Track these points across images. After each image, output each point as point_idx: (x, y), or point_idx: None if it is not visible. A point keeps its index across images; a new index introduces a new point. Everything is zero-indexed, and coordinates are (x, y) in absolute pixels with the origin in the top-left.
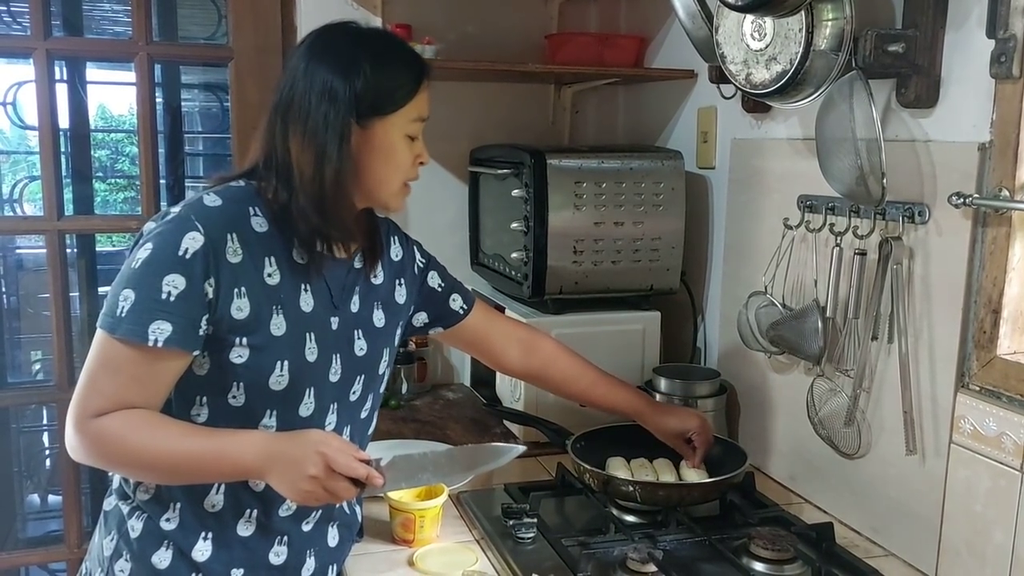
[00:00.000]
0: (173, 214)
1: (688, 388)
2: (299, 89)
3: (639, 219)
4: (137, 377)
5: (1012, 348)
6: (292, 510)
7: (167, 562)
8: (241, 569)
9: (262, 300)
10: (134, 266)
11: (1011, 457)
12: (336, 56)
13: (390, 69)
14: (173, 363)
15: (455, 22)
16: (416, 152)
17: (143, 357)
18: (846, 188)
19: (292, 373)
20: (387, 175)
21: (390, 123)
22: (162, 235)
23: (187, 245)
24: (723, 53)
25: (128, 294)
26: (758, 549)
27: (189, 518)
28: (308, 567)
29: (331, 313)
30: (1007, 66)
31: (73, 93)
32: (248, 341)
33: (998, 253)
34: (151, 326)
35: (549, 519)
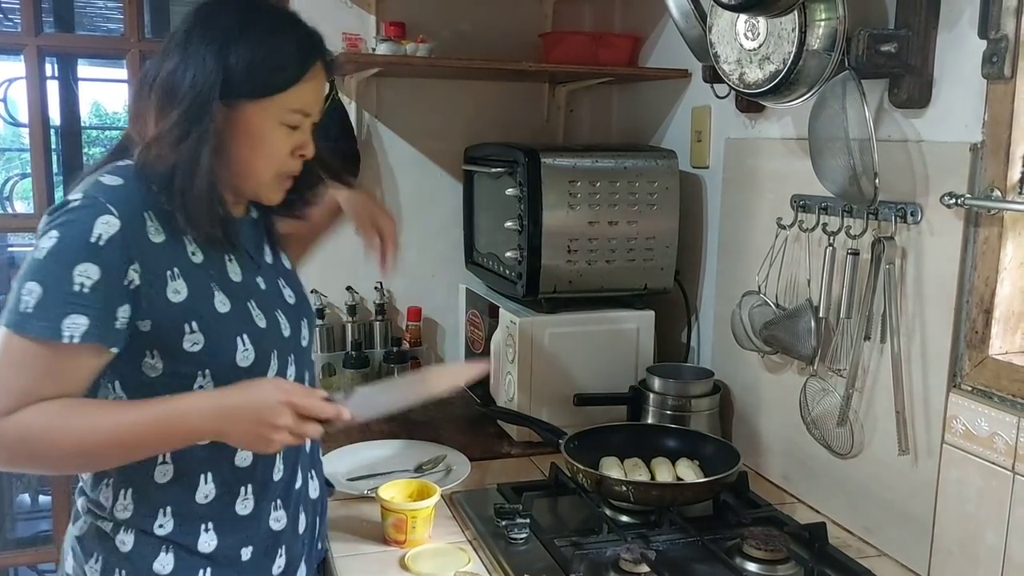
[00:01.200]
0: (76, 200)
1: (682, 388)
2: (171, 60)
3: (633, 218)
4: (50, 372)
5: (1004, 348)
6: (282, 471)
7: (171, 565)
8: (250, 546)
9: (197, 279)
10: (39, 256)
11: (1003, 457)
12: (216, 27)
13: (271, 49)
14: (91, 360)
15: (449, 20)
16: (296, 143)
17: (56, 354)
18: (839, 188)
19: (255, 344)
20: (254, 163)
21: (262, 108)
22: (70, 222)
23: (100, 230)
24: (717, 52)
25: (32, 287)
26: (751, 549)
27: (184, 516)
28: (303, 523)
29: (256, 273)
30: (999, 66)
31: (64, 90)
32: (198, 325)
33: (990, 253)
34: (64, 321)
35: (542, 519)
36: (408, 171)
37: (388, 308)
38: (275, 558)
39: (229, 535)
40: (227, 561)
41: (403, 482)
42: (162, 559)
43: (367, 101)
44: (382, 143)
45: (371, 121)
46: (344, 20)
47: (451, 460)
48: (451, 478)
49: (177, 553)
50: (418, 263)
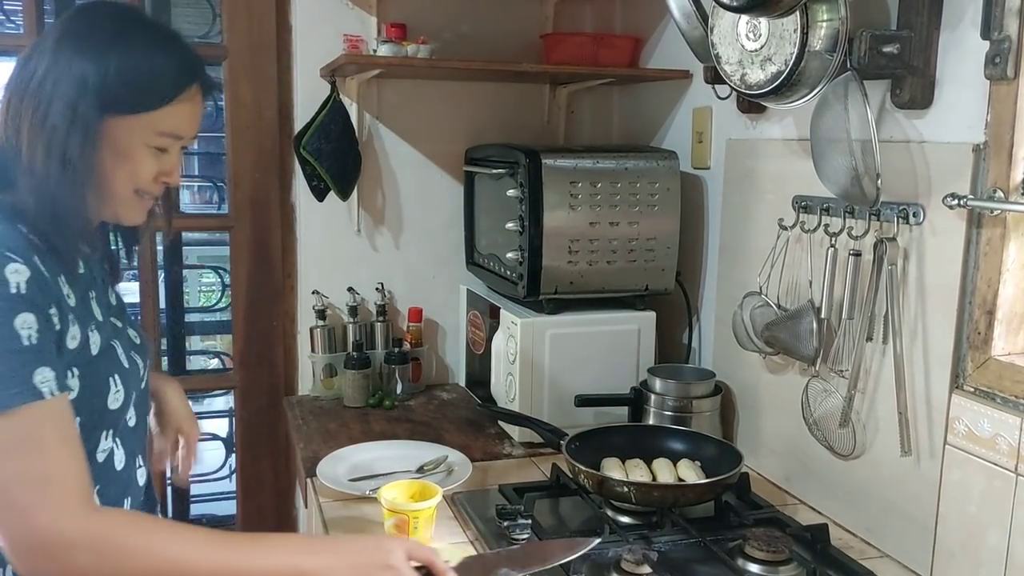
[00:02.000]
0: None
1: (683, 389)
2: (39, 71)
3: (634, 219)
4: (63, 439)
5: (1007, 349)
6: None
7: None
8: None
9: (79, 321)
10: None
11: (1006, 458)
12: (89, 38)
13: (147, 66)
14: (70, 410)
15: (450, 21)
16: (163, 167)
17: (51, 415)
18: (841, 189)
19: (124, 384)
20: (115, 180)
21: (130, 125)
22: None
23: (14, 280)
24: (718, 53)
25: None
26: (753, 550)
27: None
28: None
29: (109, 312)
30: (1002, 67)
31: None
32: (78, 371)
33: (992, 254)
34: (35, 378)
35: (544, 520)
36: (409, 172)
37: (389, 309)
38: None
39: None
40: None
41: (405, 483)
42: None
43: (368, 102)
44: (383, 144)
45: (372, 122)
46: (345, 22)
47: (452, 461)
48: (452, 479)
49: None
50: (419, 264)
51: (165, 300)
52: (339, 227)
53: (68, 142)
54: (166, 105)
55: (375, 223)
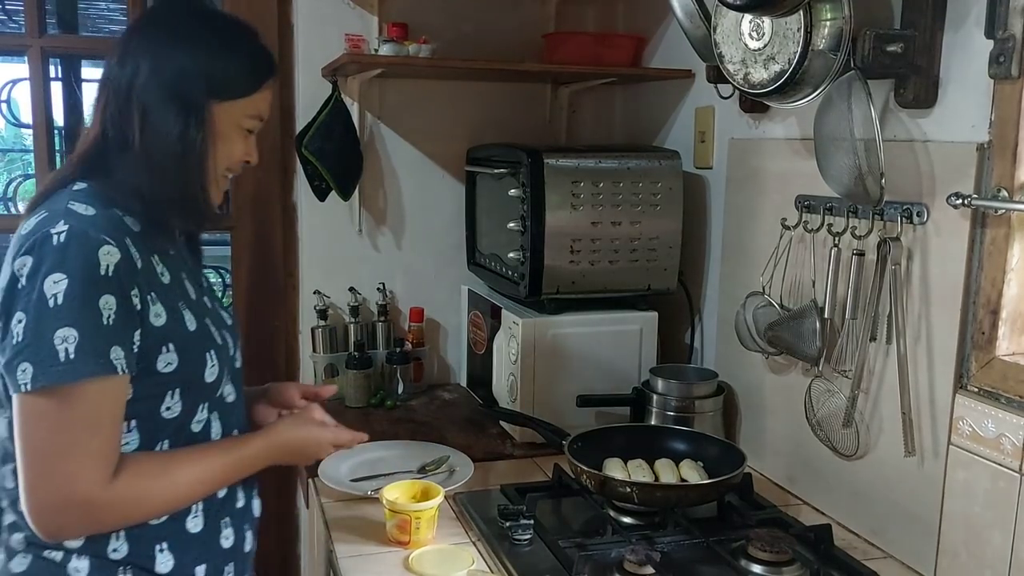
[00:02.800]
0: (62, 235)
1: (685, 389)
2: (141, 64)
3: (636, 219)
4: (116, 419)
5: (1011, 349)
6: (226, 490)
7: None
8: (203, 565)
9: (169, 300)
10: (55, 303)
11: (1010, 459)
12: (182, 29)
13: (239, 55)
14: (126, 391)
15: (452, 21)
16: (248, 149)
17: (113, 391)
18: (844, 188)
19: (218, 359)
20: (214, 160)
21: (229, 110)
22: (69, 259)
23: (106, 261)
24: (721, 53)
25: (66, 334)
26: (756, 551)
27: (138, 538)
28: (247, 541)
29: (202, 293)
30: (1006, 66)
31: (68, 91)
32: (174, 346)
33: (997, 254)
34: (111, 355)
35: (546, 520)
36: (410, 172)
37: (390, 309)
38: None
39: (183, 553)
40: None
41: (407, 483)
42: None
43: (370, 102)
44: (384, 144)
45: (374, 122)
46: (347, 21)
47: (454, 461)
48: (454, 479)
49: (135, 575)
50: (420, 264)
51: None
52: (341, 227)
53: (184, 130)
54: (259, 90)
55: (376, 223)
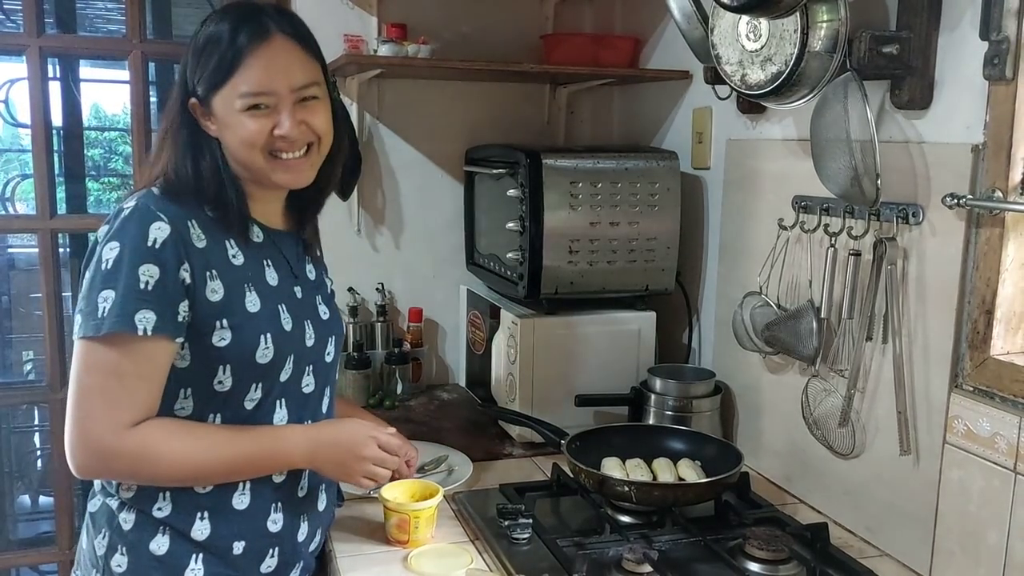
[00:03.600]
0: (128, 210)
1: (683, 389)
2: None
3: (634, 219)
4: (141, 375)
5: (1005, 348)
6: (284, 476)
7: (166, 547)
8: (243, 541)
9: (232, 280)
10: (106, 267)
11: (1004, 457)
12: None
13: (211, 46)
14: (164, 353)
15: (451, 22)
16: (264, 126)
17: (138, 350)
18: (840, 189)
19: (275, 344)
20: (238, 148)
21: (222, 98)
22: (126, 231)
23: (155, 235)
24: (718, 54)
25: (108, 294)
26: (753, 549)
27: (181, 502)
28: (302, 531)
29: (294, 283)
30: (1000, 68)
31: (66, 91)
32: (228, 322)
33: (991, 254)
34: (136, 316)
35: (544, 519)
36: (409, 172)
37: (389, 309)
38: (265, 558)
39: (223, 526)
40: (218, 551)
41: (406, 482)
42: (158, 540)
43: (368, 102)
44: (383, 144)
45: (372, 123)
46: (346, 21)
47: (453, 460)
48: (453, 478)
49: (172, 537)
50: (419, 264)
51: None
52: (339, 227)
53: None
54: (236, 71)
55: (375, 223)
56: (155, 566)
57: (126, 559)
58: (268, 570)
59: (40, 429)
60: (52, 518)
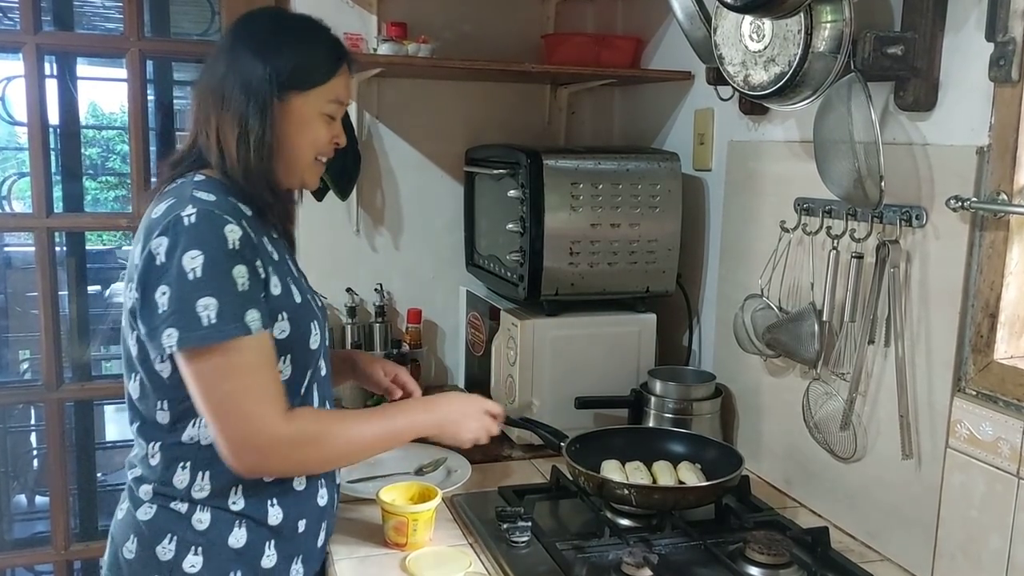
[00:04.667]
0: (192, 216)
1: (683, 391)
2: (220, 72)
3: (635, 221)
4: (268, 368)
5: (1009, 352)
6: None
7: (244, 539)
8: (304, 520)
9: (279, 274)
10: (194, 276)
11: (1008, 462)
12: (257, 37)
13: (309, 49)
14: (272, 345)
15: (451, 21)
16: (334, 132)
17: (257, 347)
18: (843, 191)
19: (320, 331)
20: (301, 147)
21: (307, 99)
22: (202, 237)
23: (231, 237)
24: (721, 54)
25: (208, 302)
26: (753, 553)
27: (252, 493)
28: (334, 501)
29: (300, 275)
30: (1006, 69)
31: (63, 89)
32: (287, 314)
33: (995, 257)
34: (246, 318)
35: (543, 522)
36: (409, 172)
37: (388, 310)
38: (319, 532)
39: (289, 508)
40: (288, 533)
41: (404, 485)
42: (236, 534)
43: (368, 102)
44: (383, 144)
45: (372, 122)
46: (345, 20)
47: (452, 463)
48: (452, 481)
49: (249, 527)
50: (418, 265)
51: None
52: (338, 227)
53: (254, 124)
54: (335, 76)
55: (374, 223)
56: (233, 559)
57: (201, 559)
58: (321, 543)
59: (36, 429)
60: (48, 518)
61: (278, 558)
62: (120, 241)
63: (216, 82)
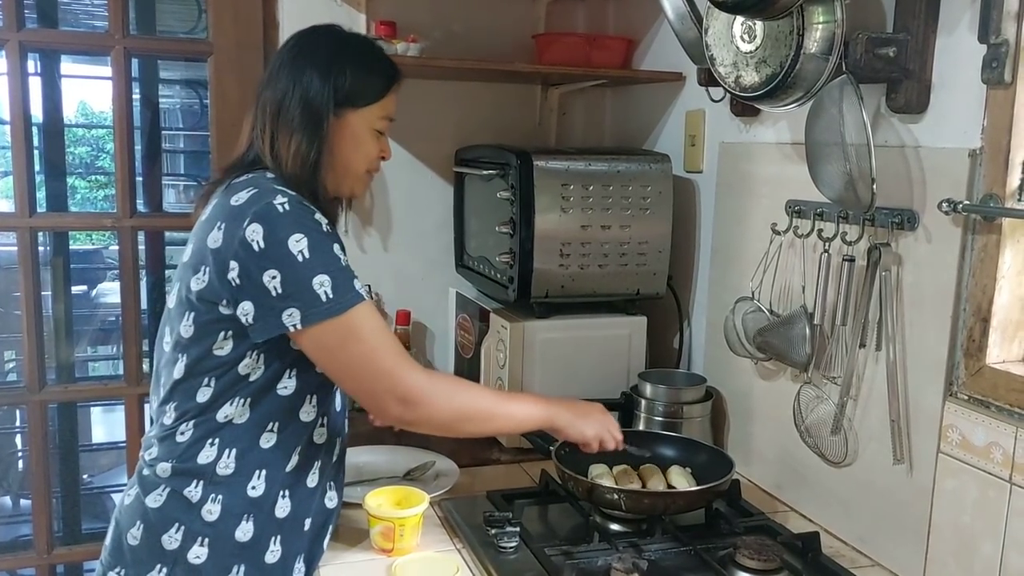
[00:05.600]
0: (286, 203)
1: (674, 394)
2: (282, 85)
3: (626, 223)
4: (385, 328)
5: (1001, 357)
6: (337, 454)
7: (251, 533)
8: (310, 517)
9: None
10: (303, 258)
11: (1000, 468)
12: (320, 54)
13: (368, 68)
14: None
15: (441, 20)
16: (381, 147)
17: (370, 310)
18: (835, 193)
19: None
20: (355, 161)
21: (362, 116)
22: (300, 221)
23: (322, 220)
24: (712, 55)
25: (322, 279)
26: (744, 559)
27: (272, 480)
28: (339, 507)
29: None
30: (999, 72)
31: (47, 87)
32: None
33: (988, 261)
34: (358, 287)
35: (532, 527)
36: (398, 173)
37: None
38: (323, 535)
39: (298, 504)
40: (293, 528)
41: (391, 489)
42: (243, 527)
43: None
44: None
45: None
46: (334, 19)
47: (440, 466)
48: (439, 485)
49: (256, 521)
50: (407, 266)
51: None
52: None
53: (311, 137)
54: (386, 95)
55: (363, 224)
56: (237, 553)
57: (207, 550)
58: (325, 546)
59: (20, 430)
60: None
61: (282, 554)
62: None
63: (277, 94)
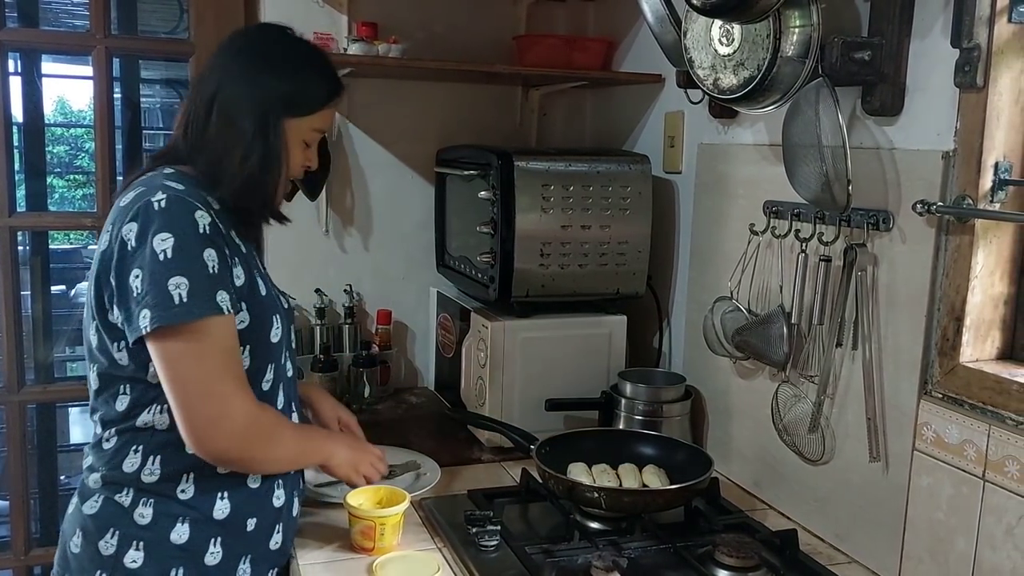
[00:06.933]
0: (163, 201)
1: (653, 393)
2: (226, 83)
3: (606, 223)
4: (236, 348)
5: (975, 356)
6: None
7: (186, 535)
8: (254, 518)
9: (246, 265)
10: (165, 257)
11: (974, 465)
12: (266, 54)
13: (312, 77)
14: (235, 328)
15: (422, 21)
16: (307, 157)
17: (228, 328)
18: (812, 194)
19: (282, 325)
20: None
21: (296, 126)
22: (173, 221)
23: (201, 222)
24: (691, 58)
25: (179, 281)
26: (723, 556)
27: (203, 484)
28: (293, 506)
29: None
30: (971, 75)
31: (27, 86)
32: (248, 304)
33: (961, 261)
34: (217, 298)
35: (513, 526)
36: (379, 173)
37: (357, 311)
38: (273, 534)
39: (239, 504)
40: (235, 530)
41: (371, 488)
42: (179, 529)
43: None
44: (353, 144)
45: (342, 122)
46: (315, 19)
47: (421, 466)
48: (420, 484)
49: (192, 523)
50: (388, 265)
51: None
52: (307, 228)
53: (262, 141)
54: (324, 108)
55: (344, 224)
56: (176, 555)
57: (143, 554)
58: (275, 546)
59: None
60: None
61: (223, 556)
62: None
63: (221, 95)
